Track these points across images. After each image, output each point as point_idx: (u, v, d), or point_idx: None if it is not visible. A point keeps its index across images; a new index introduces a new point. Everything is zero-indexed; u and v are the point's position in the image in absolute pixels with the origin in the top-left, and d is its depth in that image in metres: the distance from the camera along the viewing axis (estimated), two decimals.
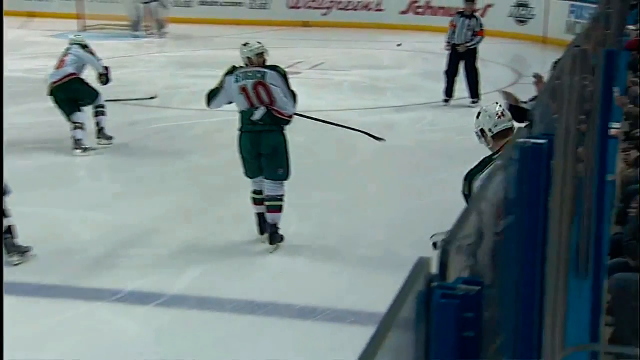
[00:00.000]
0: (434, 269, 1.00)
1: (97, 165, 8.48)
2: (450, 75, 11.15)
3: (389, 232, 6.38)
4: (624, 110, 7.69)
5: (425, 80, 12.66)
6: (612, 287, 3.99)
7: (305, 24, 19.35)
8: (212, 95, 6.27)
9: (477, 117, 4.38)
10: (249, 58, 6.35)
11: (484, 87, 11.20)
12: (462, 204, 2.05)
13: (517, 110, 5.42)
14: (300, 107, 6.33)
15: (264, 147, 6.09)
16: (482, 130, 4.30)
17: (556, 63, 8.39)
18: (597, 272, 3.10)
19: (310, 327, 4.88)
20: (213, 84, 6.32)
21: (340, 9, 19.95)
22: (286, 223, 6.27)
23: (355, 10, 19.83)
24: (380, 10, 19.59)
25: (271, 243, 6.11)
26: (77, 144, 8.69)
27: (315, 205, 7.01)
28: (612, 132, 6.09)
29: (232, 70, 6.22)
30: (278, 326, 4.90)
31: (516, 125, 4.28)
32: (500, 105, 4.47)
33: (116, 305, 5.09)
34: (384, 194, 7.47)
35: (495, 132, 4.26)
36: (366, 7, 19.70)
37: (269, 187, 6.16)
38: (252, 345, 4.65)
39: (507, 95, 6.33)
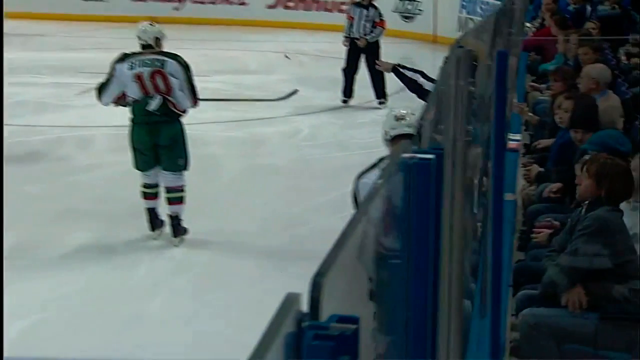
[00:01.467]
0: (305, 306, 1.03)
1: None
2: (349, 72, 11.41)
3: (261, 269, 6.39)
4: (522, 118, 8.05)
5: (300, 86, 12.83)
6: (522, 323, 4.16)
7: (152, 20, 19.05)
8: (102, 88, 6.68)
9: (387, 116, 4.62)
10: (145, 42, 6.74)
11: (364, 94, 11.48)
12: None
13: (409, 82, 5.66)
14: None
15: (163, 138, 6.70)
16: (384, 132, 4.52)
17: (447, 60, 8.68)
18: (496, 309, 3.22)
19: None
20: (39, 91, 6.25)
21: (196, 2, 19.75)
22: (137, 263, 6.40)
23: (214, 4, 19.73)
24: (243, 4, 19.60)
25: (175, 236, 6.79)
26: None
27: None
28: (511, 145, 6.39)
29: (124, 58, 6.66)
30: None
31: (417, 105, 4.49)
32: (408, 110, 4.64)
33: None
34: (254, 223, 7.47)
35: (392, 135, 4.44)
36: (227, 0, 19.71)
37: (168, 179, 6.82)
38: None
39: (382, 64, 6.66)
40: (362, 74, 11.57)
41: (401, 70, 5.87)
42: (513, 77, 7.45)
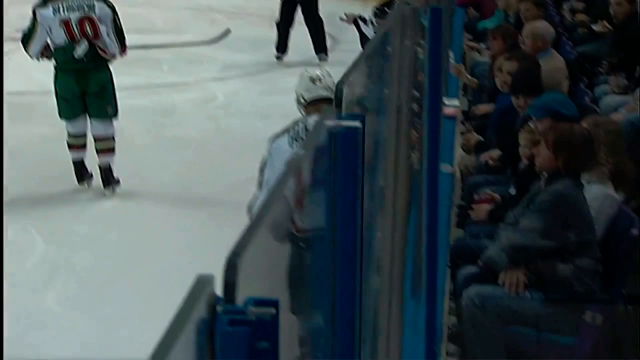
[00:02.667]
0: (218, 289, 1.04)
1: None
2: (284, 26, 11.44)
3: (174, 255, 6.35)
4: (460, 82, 8.14)
5: (214, 48, 12.72)
6: (466, 303, 4.22)
7: None
8: (27, 39, 7.04)
9: (300, 77, 4.67)
10: None
11: (290, 60, 11.47)
12: None
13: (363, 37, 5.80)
14: (39, 88, 6.45)
15: (91, 86, 7.10)
16: (297, 96, 4.59)
17: (378, 11, 8.74)
18: (432, 291, 3.27)
19: None
20: None
21: None
22: (32, 245, 6.43)
23: None
24: None
25: (106, 186, 7.24)
26: None
27: (65, 233, 6.79)
28: (448, 111, 6.47)
29: (45, 2, 6.98)
30: None
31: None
32: (323, 71, 4.67)
33: None
34: (164, 204, 7.41)
35: (307, 99, 4.50)
36: None
37: (97, 127, 7.24)
38: None
39: (348, 16, 6.90)
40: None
41: (360, 23, 6.02)
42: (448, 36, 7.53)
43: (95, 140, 7.27)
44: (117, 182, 7.31)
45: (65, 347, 5.14)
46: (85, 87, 7.10)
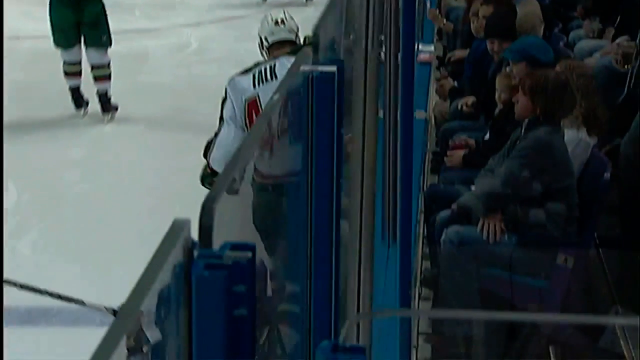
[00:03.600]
0: (194, 233, 1.04)
1: None
2: None
3: (144, 204, 6.36)
4: (436, 26, 8.11)
5: None
6: (444, 244, 4.26)
7: None
8: None
9: (262, 20, 4.68)
10: None
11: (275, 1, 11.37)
12: None
13: None
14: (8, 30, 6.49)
15: (86, 16, 7.64)
16: (261, 39, 4.59)
17: None
18: (406, 237, 3.28)
19: None
20: None
21: None
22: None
23: None
24: None
25: (104, 112, 7.89)
26: None
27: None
28: (422, 57, 6.45)
29: None
30: None
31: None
32: (286, 14, 4.66)
33: None
34: (137, 151, 7.40)
35: (271, 41, 4.51)
36: None
37: (93, 56, 7.83)
38: None
39: None
40: None
41: None
42: None
43: (92, 68, 7.83)
44: (115, 108, 7.96)
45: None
46: (80, 17, 7.64)
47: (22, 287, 4.34)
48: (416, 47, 4.76)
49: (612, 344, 3.92)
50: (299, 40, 4.57)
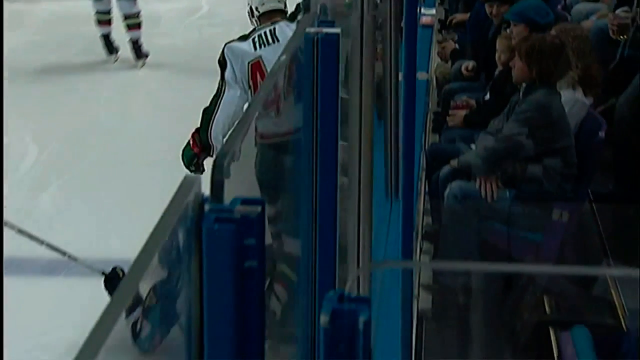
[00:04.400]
0: (206, 188, 1.03)
1: None
2: None
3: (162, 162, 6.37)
4: None
5: None
6: (448, 198, 4.26)
7: None
8: None
9: None
10: None
11: None
12: None
13: None
14: None
15: None
16: (251, 9, 4.61)
17: None
18: (409, 192, 3.28)
19: None
20: None
21: None
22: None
23: None
24: None
25: (138, 58, 8.36)
26: None
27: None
28: (425, 20, 6.40)
29: None
30: None
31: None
32: None
33: None
34: (152, 110, 7.40)
35: (261, 11, 4.54)
36: None
37: (124, 6, 8.22)
38: None
39: None
40: None
41: None
42: None
43: (124, 18, 8.22)
44: (146, 55, 8.40)
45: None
46: None
47: (20, 232, 4.42)
48: (419, 10, 4.72)
49: (603, 293, 3.93)
50: (287, 8, 4.59)
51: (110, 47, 8.43)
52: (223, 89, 4.37)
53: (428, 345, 3.75)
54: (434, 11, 7.66)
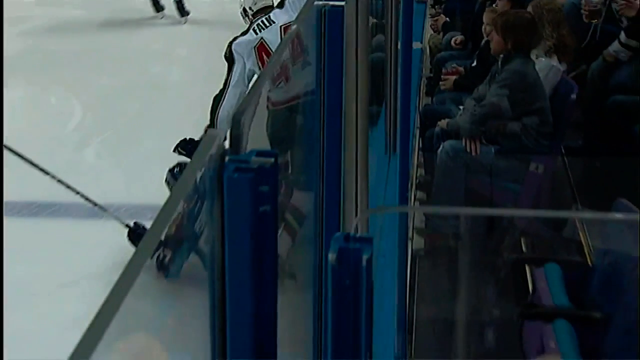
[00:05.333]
0: (226, 142, 1.02)
1: None
2: None
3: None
4: None
5: None
6: (441, 154, 4.25)
7: None
8: None
9: None
10: None
11: None
12: None
13: None
14: None
15: None
16: (244, 9, 4.64)
17: None
18: (405, 147, 3.27)
19: None
20: None
21: None
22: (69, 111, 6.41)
23: None
24: None
25: (181, 16, 8.67)
26: None
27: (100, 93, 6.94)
28: None
29: None
30: None
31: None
32: None
33: None
34: (190, 82, 7.37)
35: (255, 9, 4.56)
36: None
37: None
38: None
39: None
40: None
41: None
42: None
43: None
44: (188, 12, 8.66)
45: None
46: None
47: (60, 181, 4.45)
48: None
49: (572, 234, 3.92)
50: (274, 2, 4.63)
51: (157, 5, 8.71)
52: (229, 82, 4.40)
53: (420, 280, 3.76)
54: None
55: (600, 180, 4.24)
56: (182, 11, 8.71)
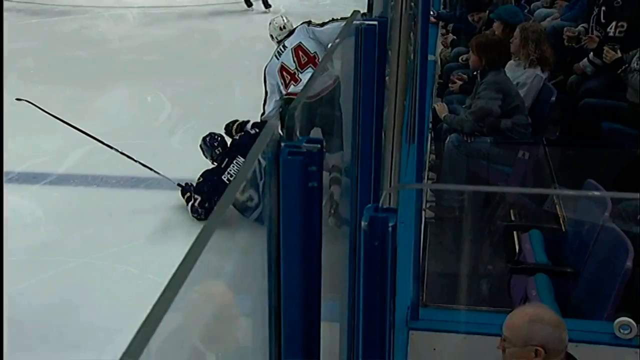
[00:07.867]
0: (282, 131, 1.00)
1: None
2: None
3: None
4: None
5: None
6: (448, 145, 4.21)
7: None
8: None
9: (270, 24, 5.16)
10: None
11: None
12: None
13: None
14: None
15: None
16: (271, 36, 5.08)
17: None
18: (421, 137, 3.22)
19: None
20: None
21: None
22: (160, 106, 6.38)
23: None
24: None
25: (266, 7, 9.17)
26: None
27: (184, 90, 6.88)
28: (432, 19, 6.23)
29: None
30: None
31: None
32: (284, 18, 5.13)
33: (7, 186, 4.86)
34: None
35: (279, 39, 5.04)
36: None
37: None
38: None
39: None
40: None
41: None
42: None
43: None
44: (270, 5, 9.09)
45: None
46: None
47: (123, 154, 4.64)
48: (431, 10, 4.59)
49: (551, 207, 3.85)
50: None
51: (248, 1, 9.24)
52: (267, 95, 4.94)
53: (431, 242, 3.72)
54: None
55: (574, 165, 4.16)
56: (266, 3, 9.08)
